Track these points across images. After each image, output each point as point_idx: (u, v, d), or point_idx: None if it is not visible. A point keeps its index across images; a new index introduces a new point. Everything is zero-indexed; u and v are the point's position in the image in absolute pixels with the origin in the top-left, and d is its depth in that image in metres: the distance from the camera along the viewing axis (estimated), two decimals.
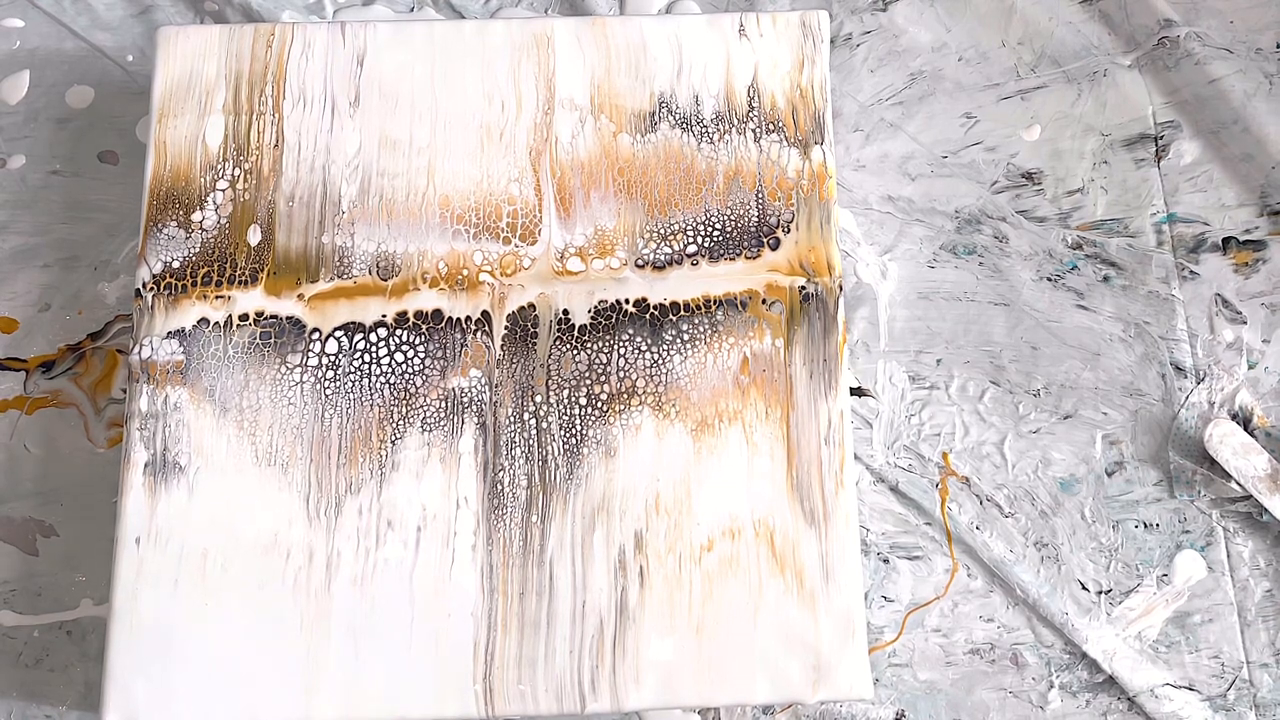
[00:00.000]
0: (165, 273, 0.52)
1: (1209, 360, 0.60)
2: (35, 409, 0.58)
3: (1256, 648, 0.56)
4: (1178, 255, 0.61)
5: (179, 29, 0.55)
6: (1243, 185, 0.62)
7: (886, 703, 0.56)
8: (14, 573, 0.56)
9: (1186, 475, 0.58)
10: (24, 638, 0.55)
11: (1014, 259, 0.61)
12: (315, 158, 0.54)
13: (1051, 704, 0.56)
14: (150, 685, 0.48)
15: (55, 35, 0.64)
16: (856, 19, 0.65)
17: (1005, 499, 0.58)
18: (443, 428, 0.51)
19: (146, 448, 0.50)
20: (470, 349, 0.52)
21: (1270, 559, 0.57)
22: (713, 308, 0.52)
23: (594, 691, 0.48)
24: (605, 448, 0.51)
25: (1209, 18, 0.64)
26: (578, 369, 0.51)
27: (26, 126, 0.62)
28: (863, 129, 0.63)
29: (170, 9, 0.64)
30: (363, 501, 0.50)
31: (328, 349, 0.51)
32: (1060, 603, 0.57)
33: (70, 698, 0.55)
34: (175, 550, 0.49)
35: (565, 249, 0.53)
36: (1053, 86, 0.64)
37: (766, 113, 0.55)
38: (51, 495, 0.57)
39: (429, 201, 0.53)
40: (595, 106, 0.55)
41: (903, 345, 0.60)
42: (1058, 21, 0.65)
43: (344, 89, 0.55)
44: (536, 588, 0.49)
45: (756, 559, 0.50)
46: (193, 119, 0.54)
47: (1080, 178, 0.62)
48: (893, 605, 0.57)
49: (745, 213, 0.54)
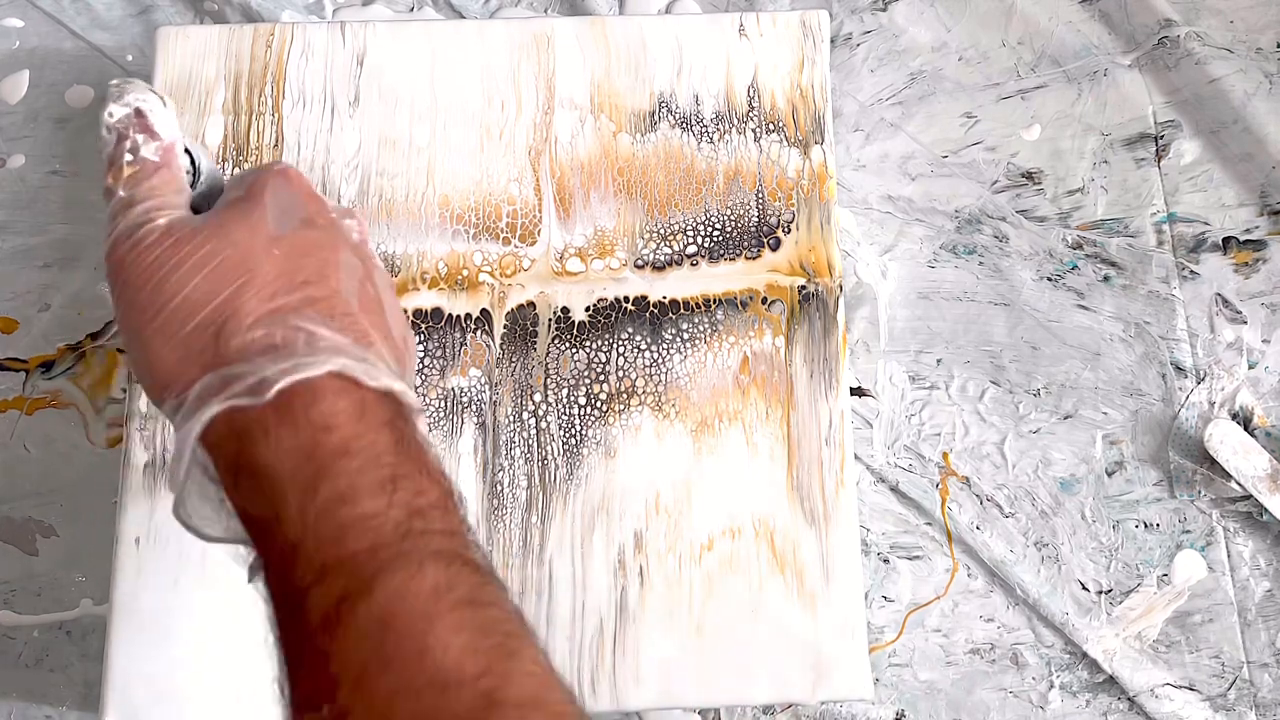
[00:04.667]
0: None
1: (1209, 360, 0.60)
2: (35, 409, 0.58)
3: (1256, 648, 0.56)
4: (1178, 255, 0.61)
5: (179, 29, 0.55)
6: (1243, 185, 0.62)
7: (886, 703, 0.56)
8: (14, 573, 0.56)
9: (1186, 475, 0.58)
10: (24, 638, 0.55)
11: (1014, 259, 0.61)
12: (315, 158, 0.54)
13: (1051, 704, 0.56)
14: (150, 685, 0.47)
15: (55, 35, 0.64)
16: (856, 19, 0.65)
17: (1005, 499, 0.58)
18: (442, 428, 0.51)
19: (146, 448, 0.50)
20: (470, 348, 0.52)
21: (1270, 559, 0.57)
22: (713, 307, 0.52)
23: (594, 691, 0.48)
24: (605, 448, 0.51)
25: (1209, 18, 0.64)
26: (576, 368, 0.51)
27: (26, 126, 0.62)
28: (863, 129, 0.63)
29: (170, 9, 0.64)
30: None
31: None
32: (1060, 603, 0.56)
33: (70, 698, 0.55)
34: (175, 550, 0.49)
35: (565, 249, 0.53)
36: (1053, 86, 0.64)
37: (767, 113, 0.55)
38: (51, 495, 0.57)
39: (428, 202, 0.53)
40: (595, 106, 0.55)
41: (903, 345, 0.60)
42: (1058, 21, 0.65)
43: (344, 89, 0.55)
44: (536, 587, 0.49)
45: (756, 559, 0.50)
46: (192, 119, 0.54)
47: (1080, 177, 0.62)
48: (893, 605, 0.57)
49: (745, 213, 0.54)
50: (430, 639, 0.25)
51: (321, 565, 0.26)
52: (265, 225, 0.31)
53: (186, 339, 0.29)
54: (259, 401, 0.28)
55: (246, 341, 0.29)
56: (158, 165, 0.32)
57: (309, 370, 0.28)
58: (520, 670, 0.25)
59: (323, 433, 0.28)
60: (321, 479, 0.27)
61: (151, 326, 0.30)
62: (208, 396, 0.28)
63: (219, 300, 0.29)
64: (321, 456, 0.28)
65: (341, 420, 0.28)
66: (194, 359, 0.29)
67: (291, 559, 0.27)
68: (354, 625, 0.25)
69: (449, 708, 0.24)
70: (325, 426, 0.28)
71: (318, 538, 0.27)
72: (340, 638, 0.25)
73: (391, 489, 0.27)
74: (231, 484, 0.29)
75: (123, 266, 0.31)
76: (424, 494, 0.28)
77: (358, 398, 0.29)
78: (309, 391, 0.28)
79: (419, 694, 0.25)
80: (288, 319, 0.29)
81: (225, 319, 0.29)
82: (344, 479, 0.27)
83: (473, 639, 0.25)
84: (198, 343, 0.29)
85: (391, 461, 0.28)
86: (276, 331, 0.29)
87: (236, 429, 0.28)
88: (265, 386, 0.28)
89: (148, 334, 0.30)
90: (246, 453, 0.28)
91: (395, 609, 0.25)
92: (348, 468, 0.27)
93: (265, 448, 0.28)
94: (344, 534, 0.27)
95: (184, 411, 0.29)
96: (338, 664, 0.25)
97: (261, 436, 0.28)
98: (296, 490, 0.27)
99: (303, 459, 0.27)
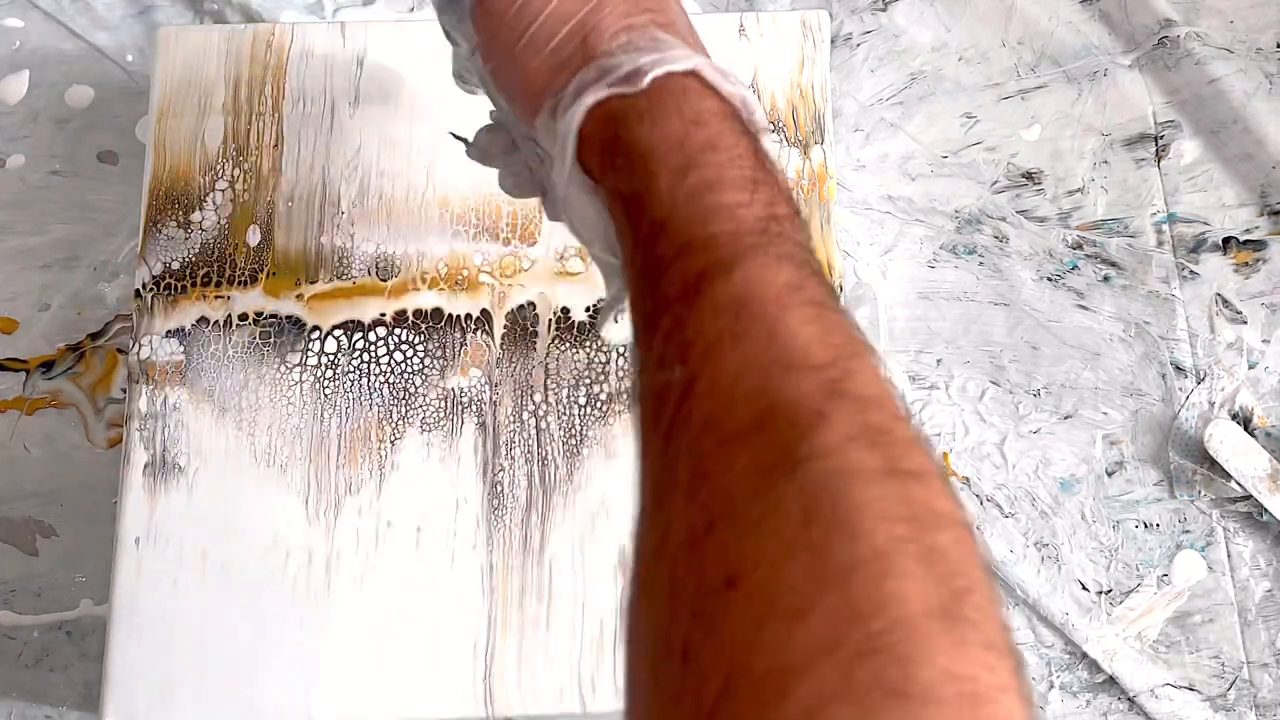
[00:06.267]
0: (165, 273, 0.52)
1: (1209, 360, 0.60)
2: (35, 409, 0.58)
3: (1256, 648, 0.56)
4: (1178, 255, 0.61)
5: (179, 29, 0.55)
6: (1243, 185, 0.62)
7: None
8: (14, 573, 0.56)
9: (1186, 475, 0.58)
10: (24, 638, 0.55)
11: (1014, 259, 0.61)
12: (315, 158, 0.54)
13: (1051, 704, 0.56)
14: (150, 685, 0.47)
15: (55, 35, 0.64)
16: (856, 19, 0.65)
17: (1005, 499, 0.58)
18: (442, 428, 0.51)
19: (146, 448, 0.50)
20: (470, 348, 0.52)
21: (1270, 559, 0.57)
22: None
23: (594, 691, 0.48)
24: (605, 448, 0.51)
25: (1209, 18, 0.64)
26: (577, 368, 0.51)
27: (26, 126, 0.62)
28: (863, 129, 0.63)
29: (170, 9, 0.64)
30: (362, 501, 0.50)
31: (326, 348, 0.51)
32: (1060, 603, 0.56)
33: (70, 698, 0.55)
34: (175, 550, 0.49)
35: (565, 249, 0.53)
36: (1053, 86, 0.64)
37: (766, 113, 0.55)
38: (51, 495, 0.57)
39: (428, 202, 0.53)
40: None
41: (903, 345, 0.60)
42: (1058, 21, 0.65)
43: (344, 89, 0.55)
44: (536, 588, 0.49)
45: None
46: (192, 119, 0.54)
47: (1080, 177, 0.62)
48: None
49: None
50: (781, 325, 0.26)
51: (686, 241, 0.28)
52: None
53: (555, 49, 0.33)
54: (635, 89, 0.31)
55: (613, 46, 0.32)
56: None
57: (677, 64, 0.31)
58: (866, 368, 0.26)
59: (693, 125, 0.30)
60: (691, 165, 0.29)
61: (521, 43, 0.33)
62: (585, 86, 0.31)
63: (580, 16, 0.33)
64: (691, 146, 0.30)
65: (708, 118, 0.31)
66: (564, 65, 0.33)
67: (657, 233, 0.29)
68: (711, 298, 0.27)
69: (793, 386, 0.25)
70: (695, 120, 0.30)
71: (685, 216, 0.29)
72: (697, 308, 0.27)
73: (753, 189, 0.29)
74: (607, 164, 0.31)
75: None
76: (778, 204, 0.30)
77: (719, 101, 0.31)
78: (679, 87, 0.31)
79: (766, 369, 0.26)
80: (645, 31, 0.33)
81: (588, 31, 0.32)
82: (711, 169, 0.29)
83: (822, 332, 0.27)
84: (566, 51, 0.33)
85: (752, 165, 0.30)
86: (638, 39, 0.32)
87: (612, 114, 0.31)
88: (639, 75, 0.31)
89: (518, 50, 0.33)
90: (623, 134, 0.31)
91: (751, 291, 0.27)
92: (715, 159, 0.30)
93: (641, 129, 0.30)
94: (709, 216, 0.29)
95: (562, 106, 0.32)
96: (692, 330, 0.27)
97: (636, 120, 0.31)
98: (667, 172, 0.29)
99: (674, 145, 0.30)
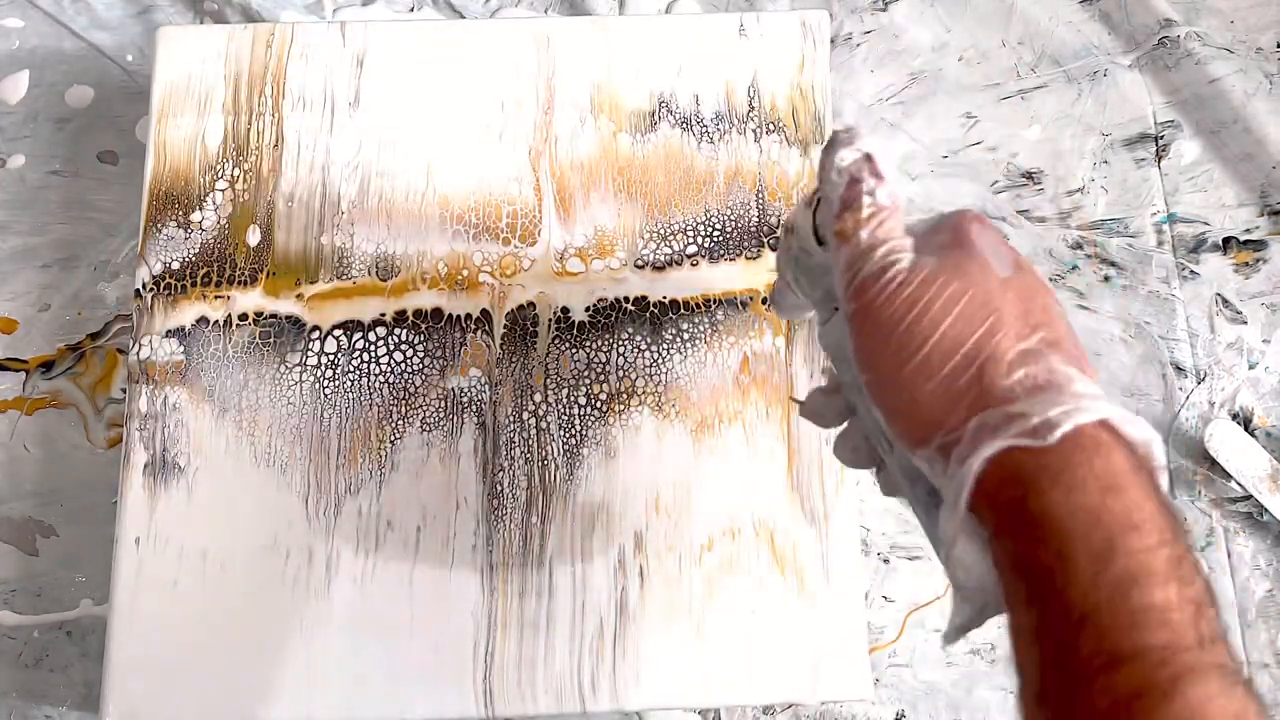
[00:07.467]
0: (165, 273, 0.52)
1: (1209, 360, 0.60)
2: (35, 409, 0.58)
3: (1256, 648, 0.56)
4: (1178, 255, 0.61)
5: (179, 29, 0.55)
6: (1243, 185, 0.62)
7: (886, 703, 0.56)
8: (14, 573, 0.56)
9: (1186, 475, 0.58)
10: (24, 638, 0.55)
11: None
12: (315, 158, 0.54)
13: None
14: (150, 685, 0.47)
15: (55, 35, 0.64)
16: (856, 19, 0.65)
17: None
18: (442, 428, 0.51)
19: (146, 448, 0.50)
20: (470, 348, 0.52)
21: (1270, 559, 0.57)
22: (713, 307, 0.52)
23: (594, 691, 0.48)
24: (605, 448, 0.51)
25: (1209, 18, 0.64)
26: (576, 368, 0.51)
27: (26, 126, 0.62)
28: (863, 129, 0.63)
29: (170, 9, 0.64)
30: (362, 502, 0.50)
31: (326, 348, 0.51)
32: None
33: (70, 698, 0.55)
34: (175, 550, 0.49)
35: (565, 250, 0.53)
36: (1053, 86, 0.64)
37: (766, 113, 0.55)
38: (51, 495, 0.57)
39: (428, 202, 0.53)
40: (595, 106, 0.55)
41: None
42: (1058, 21, 0.65)
43: (344, 89, 0.55)
44: (536, 588, 0.49)
45: (756, 559, 0.50)
46: (192, 119, 0.54)
47: (1080, 177, 0.62)
48: (893, 605, 0.57)
49: (745, 213, 0.54)
50: None
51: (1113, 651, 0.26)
52: (991, 268, 0.31)
53: (948, 378, 0.29)
54: (1043, 443, 0.27)
55: (1012, 382, 0.29)
56: (893, 209, 0.32)
57: (1086, 415, 0.28)
58: None
59: (1110, 494, 0.27)
60: (1113, 552, 0.27)
61: (910, 366, 0.30)
62: (986, 433, 0.28)
63: (974, 340, 0.29)
64: (1110, 523, 0.27)
65: (1123, 481, 0.27)
66: (959, 397, 0.29)
67: (1077, 630, 0.26)
68: None
69: None
70: (1110, 486, 0.27)
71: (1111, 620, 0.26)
72: None
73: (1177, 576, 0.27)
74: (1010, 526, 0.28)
75: (874, 308, 0.31)
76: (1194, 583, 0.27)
77: (1128, 453, 0.28)
78: (1090, 442, 0.28)
79: None
80: (1041, 362, 0.29)
81: (984, 359, 0.29)
82: (1135, 557, 0.26)
83: None
84: (960, 381, 0.29)
85: (1170, 540, 0.27)
86: (1038, 374, 0.29)
87: (1017, 471, 0.28)
88: (1048, 428, 0.27)
89: (907, 374, 0.30)
90: (1032, 502, 0.27)
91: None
92: (1137, 544, 0.27)
93: (1054, 497, 0.27)
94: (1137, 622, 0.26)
95: (959, 451, 0.29)
96: None
97: (1050, 485, 0.27)
98: (1088, 555, 0.27)
99: (1092, 520, 0.27)
